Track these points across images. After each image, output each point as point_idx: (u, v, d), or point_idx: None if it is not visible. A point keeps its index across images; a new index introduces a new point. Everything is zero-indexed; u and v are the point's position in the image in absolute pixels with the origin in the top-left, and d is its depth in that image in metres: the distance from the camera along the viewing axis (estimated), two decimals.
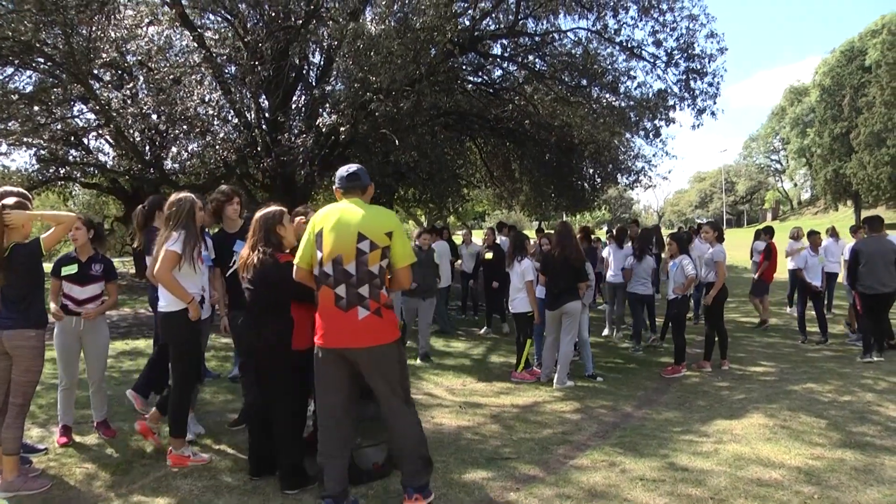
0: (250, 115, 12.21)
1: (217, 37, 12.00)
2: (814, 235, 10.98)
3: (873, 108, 49.60)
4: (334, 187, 4.21)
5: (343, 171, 4.13)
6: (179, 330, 4.78)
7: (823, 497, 4.23)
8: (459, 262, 13.44)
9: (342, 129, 11.32)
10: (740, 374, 8.34)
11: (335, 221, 3.92)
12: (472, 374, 8.33)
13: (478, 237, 17.16)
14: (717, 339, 8.81)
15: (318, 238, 3.95)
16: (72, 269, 5.34)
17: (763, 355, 9.49)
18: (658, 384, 7.82)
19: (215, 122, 12.12)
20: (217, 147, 11.86)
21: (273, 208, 4.55)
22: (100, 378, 5.56)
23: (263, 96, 12.29)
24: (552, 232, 9.18)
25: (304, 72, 13.54)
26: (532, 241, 8.88)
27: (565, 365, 7.65)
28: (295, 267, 4.09)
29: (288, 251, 4.52)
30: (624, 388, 7.68)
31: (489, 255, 11.69)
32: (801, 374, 8.05)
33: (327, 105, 12.34)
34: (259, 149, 11.62)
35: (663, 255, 10.71)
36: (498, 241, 12.54)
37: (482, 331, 11.61)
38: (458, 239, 15.37)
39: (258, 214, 4.52)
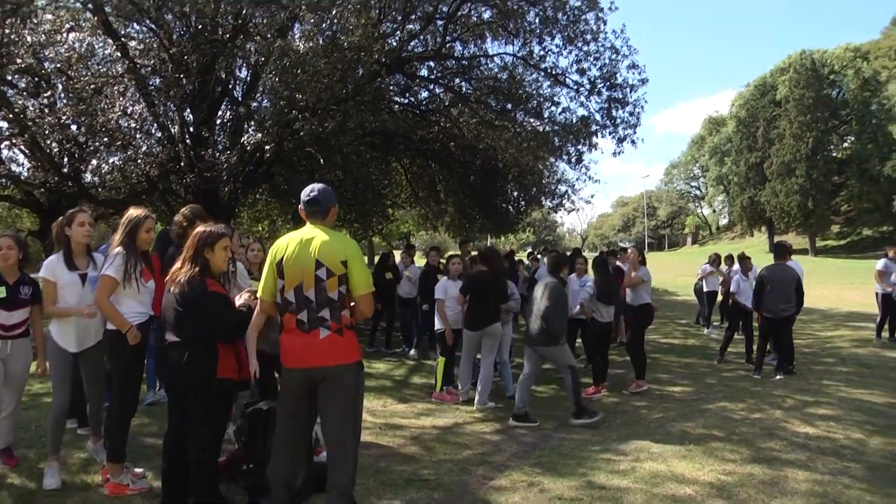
0: (174, 129, 11.85)
1: (141, 47, 11.62)
2: (745, 260, 11.40)
3: (784, 139, 52.37)
4: (299, 208, 4.12)
5: (304, 194, 4.04)
6: (122, 350, 4.55)
7: None
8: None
9: (267, 147, 11.13)
10: (658, 394, 8.51)
11: (294, 249, 3.88)
12: (393, 395, 8.22)
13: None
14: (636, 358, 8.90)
15: (278, 267, 3.91)
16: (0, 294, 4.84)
17: (681, 375, 9.72)
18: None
19: (138, 136, 11.75)
20: (139, 161, 11.41)
21: (212, 228, 4.28)
22: (17, 403, 5.11)
23: (188, 110, 11.99)
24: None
25: (231, 87, 13.28)
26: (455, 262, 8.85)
27: (486, 386, 7.63)
28: (259, 300, 4.07)
29: (218, 278, 4.32)
30: (544, 408, 7.70)
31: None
32: (717, 394, 8.27)
33: (252, 122, 12.13)
34: (182, 164, 11.30)
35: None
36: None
37: (410, 352, 11.49)
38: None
39: (198, 229, 4.30)
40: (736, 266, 12.84)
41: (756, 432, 6.28)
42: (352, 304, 3.93)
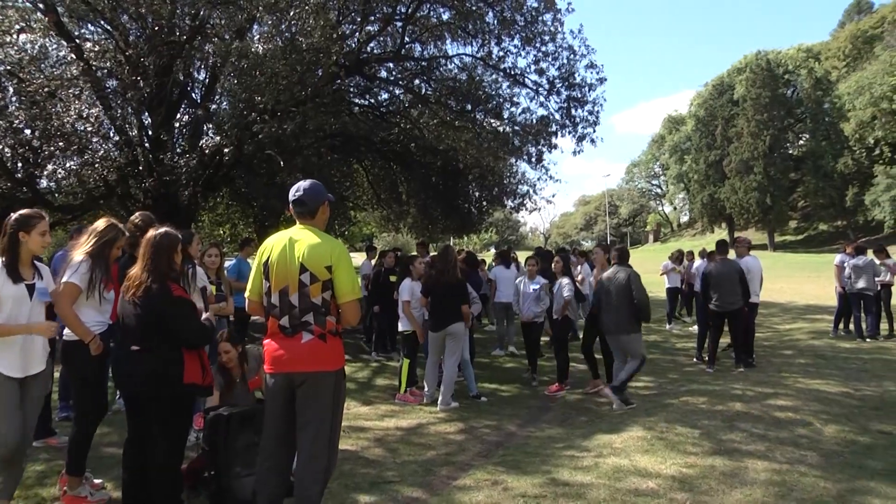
0: (132, 133, 11.66)
1: (97, 49, 11.37)
2: (711, 255, 11.55)
3: (742, 137, 53.44)
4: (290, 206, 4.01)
5: (292, 193, 3.91)
6: (83, 361, 4.42)
7: (695, 502, 4.43)
8: None
9: (226, 150, 10.99)
10: None
11: (281, 251, 3.79)
12: (357, 397, 8.16)
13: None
14: (590, 360, 8.75)
15: (265, 268, 3.83)
16: None
17: (643, 371, 9.70)
18: (542, 402, 7.91)
19: (94, 139, 11.50)
20: (96, 165, 11.19)
21: (163, 231, 4.22)
22: None
23: (146, 113, 11.79)
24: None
25: (189, 89, 13.11)
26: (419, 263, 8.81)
27: (449, 386, 7.62)
28: (247, 300, 3.98)
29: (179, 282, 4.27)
30: (508, 407, 7.72)
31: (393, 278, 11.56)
32: (679, 388, 8.36)
33: (211, 124, 11.97)
34: (141, 168, 11.11)
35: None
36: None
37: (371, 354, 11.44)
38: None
39: (148, 235, 4.20)
40: (698, 262, 13.05)
41: (717, 425, 6.37)
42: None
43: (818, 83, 53.45)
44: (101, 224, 4.64)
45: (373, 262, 13.05)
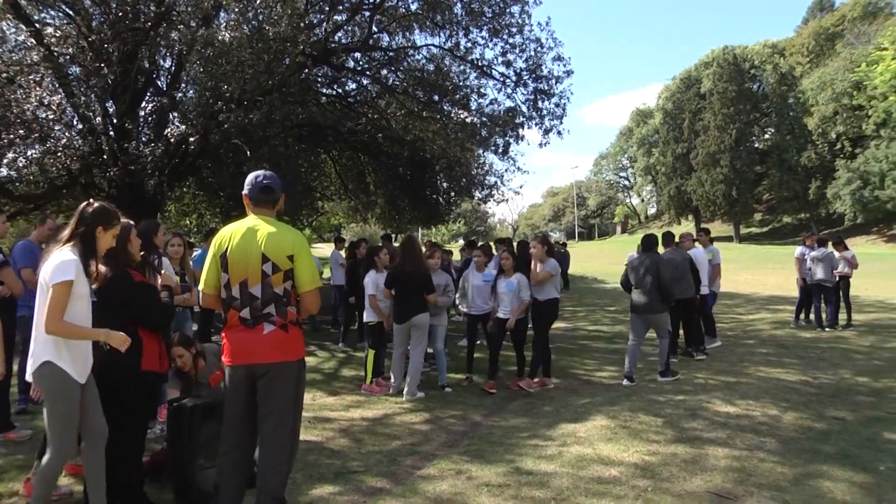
0: (96, 121, 11.41)
1: (58, 34, 11.10)
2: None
3: (708, 131, 54.09)
4: (243, 193, 3.88)
5: (253, 181, 3.81)
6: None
7: (656, 489, 4.49)
8: None
9: (192, 139, 10.83)
10: (586, 380, 8.65)
11: (240, 242, 3.70)
12: (323, 388, 8.13)
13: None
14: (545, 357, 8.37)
15: (222, 260, 3.73)
16: None
17: (608, 361, 9.90)
18: (507, 392, 7.93)
19: (56, 127, 11.24)
20: (59, 154, 10.94)
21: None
22: None
23: (110, 101, 11.56)
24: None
25: (154, 77, 12.88)
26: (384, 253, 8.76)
27: (415, 377, 7.61)
28: (201, 293, 3.88)
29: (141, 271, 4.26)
30: (474, 397, 7.73)
31: None
32: (643, 377, 8.44)
33: (177, 113, 11.78)
34: (105, 157, 10.90)
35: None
36: None
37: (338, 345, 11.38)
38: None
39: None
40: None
41: (680, 413, 6.48)
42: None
43: (783, 79, 54.19)
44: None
45: (342, 252, 13.05)
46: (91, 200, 3.93)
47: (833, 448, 5.31)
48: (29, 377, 3.68)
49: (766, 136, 57.07)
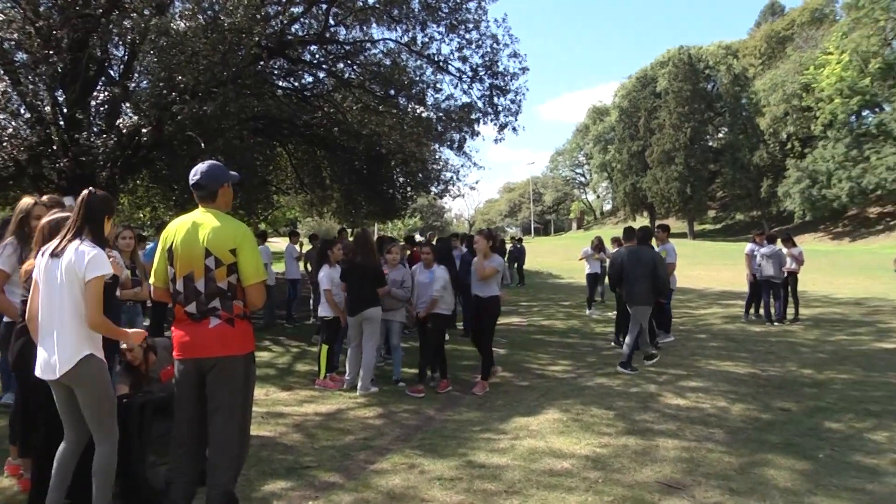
0: (44, 110, 11.10)
1: (1, 18, 10.74)
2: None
3: (664, 129, 55.01)
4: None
5: (190, 177, 3.78)
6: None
7: (607, 480, 4.54)
8: None
9: (144, 130, 10.61)
10: (540, 374, 8.71)
11: (184, 236, 3.66)
12: (277, 383, 8.05)
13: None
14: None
15: (169, 254, 3.70)
16: None
17: (562, 355, 9.99)
18: (461, 386, 7.94)
19: (2, 116, 10.98)
20: (5, 144, 10.66)
21: (60, 215, 4.02)
22: None
23: (60, 90, 11.24)
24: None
25: (107, 65, 12.56)
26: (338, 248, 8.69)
27: (368, 371, 7.56)
28: (152, 287, 3.85)
29: None
30: (429, 391, 7.70)
31: None
32: (596, 371, 8.55)
33: (129, 104, 11.52)
34: (55, 147, 10.62)
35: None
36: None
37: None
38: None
39: (44, 220, 4.01)
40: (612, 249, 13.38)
41: (632, 406, 6.58)
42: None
43: (736, 79, 55.36)
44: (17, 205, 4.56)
45: (297, 246, 12.98)
46: (91, 189, 3.85)
47: (778, 438, 5.46)
48: (60, 372, 3.55)
49: (720, 135, 58.23)
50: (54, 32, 9.93)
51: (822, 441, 5.37)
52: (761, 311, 12.78)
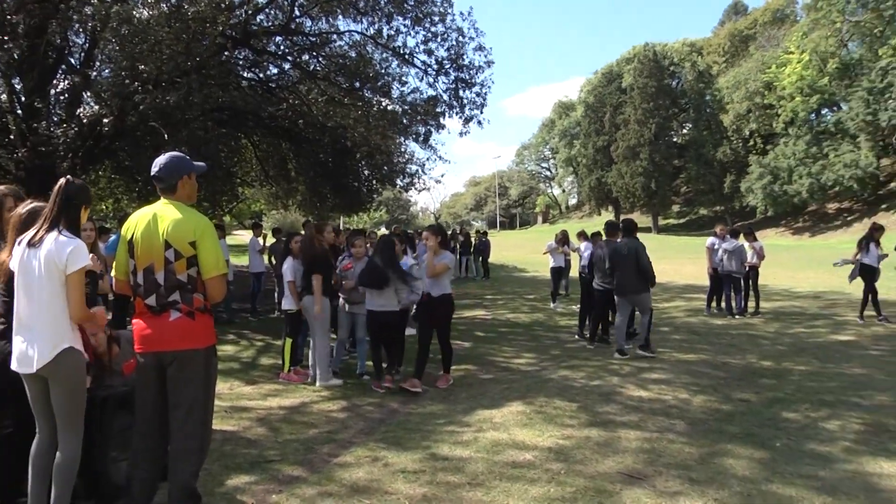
0: (0, 98, 10.82)
1: None
2: (596, 237, 11.88)
3: (629, 125, 55.51)
4: None
5: (152, 168, 3.74)
6: None
7: (569, 471, 4.59)
8: None
9: (106, 120, 10.40)
10: (504, 367, 8.74)
11: (144, 228, 3.63)
12: (240, 377, 7.99)
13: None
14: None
15: (130, 246, 3.66)
16: None
17: (526, 348, 10.04)
18: (424, 380, 7.92)
19: None
20: None
21: (35, 204, 3.91)
22: None
23: (17, 77, 10.98)
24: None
25: (66, 53, 12.27)
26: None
27: (322, 362, 7.53)
28: (113, 279, 3.80)
29: None
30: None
31: None
32: (560, 364, 8.62)
33: (90, 93, 11.28)
34: (12, 137, 10.37)
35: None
36: None
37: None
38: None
39: (19, 210, 3.88)
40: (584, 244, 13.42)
41: (595, 398, 6.65)
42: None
43: (700, 76, 56.09)
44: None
45: (260, 239, 12.88)
46: (69, 177, 3.73)
47: (737, 428, 5.56)
48: (38, 365, 3.44)
49: (685, 130, 58.95)
50: (9, 17, 9.65)
51: (780, 431, 5.48)
52: (723, 304, 12.99)
